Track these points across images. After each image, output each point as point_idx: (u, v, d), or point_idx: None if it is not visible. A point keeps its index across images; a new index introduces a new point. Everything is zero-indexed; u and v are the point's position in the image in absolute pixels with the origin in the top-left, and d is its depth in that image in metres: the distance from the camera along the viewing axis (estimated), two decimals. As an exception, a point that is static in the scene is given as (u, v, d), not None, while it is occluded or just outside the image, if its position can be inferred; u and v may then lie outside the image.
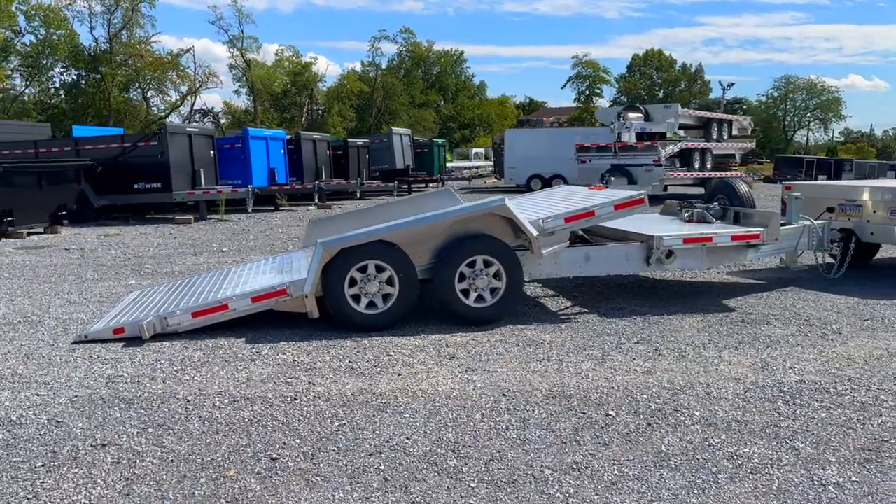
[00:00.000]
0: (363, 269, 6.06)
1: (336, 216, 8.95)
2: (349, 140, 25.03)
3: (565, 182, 27.38)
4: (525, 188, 28.33)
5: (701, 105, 77.36)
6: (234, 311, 6.07)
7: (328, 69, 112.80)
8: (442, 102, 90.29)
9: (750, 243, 7.07)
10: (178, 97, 61.87)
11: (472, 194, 22.98)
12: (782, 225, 8.11)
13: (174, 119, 61.76)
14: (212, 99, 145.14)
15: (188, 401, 4.40)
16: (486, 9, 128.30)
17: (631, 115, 20.40)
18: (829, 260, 9.14)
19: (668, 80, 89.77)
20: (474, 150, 55.97)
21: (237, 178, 18.09)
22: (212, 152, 17.67)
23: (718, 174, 22.51)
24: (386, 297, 6.13)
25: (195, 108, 64.66)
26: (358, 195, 22.12)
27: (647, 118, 20.51)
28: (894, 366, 5.02)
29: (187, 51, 63.04)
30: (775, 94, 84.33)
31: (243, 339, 5.82)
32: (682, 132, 22.65)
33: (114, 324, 6.05)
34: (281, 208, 19.48)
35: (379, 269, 6.09)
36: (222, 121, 69.88)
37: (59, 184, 14.51)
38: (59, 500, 3.18)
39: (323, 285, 6.03)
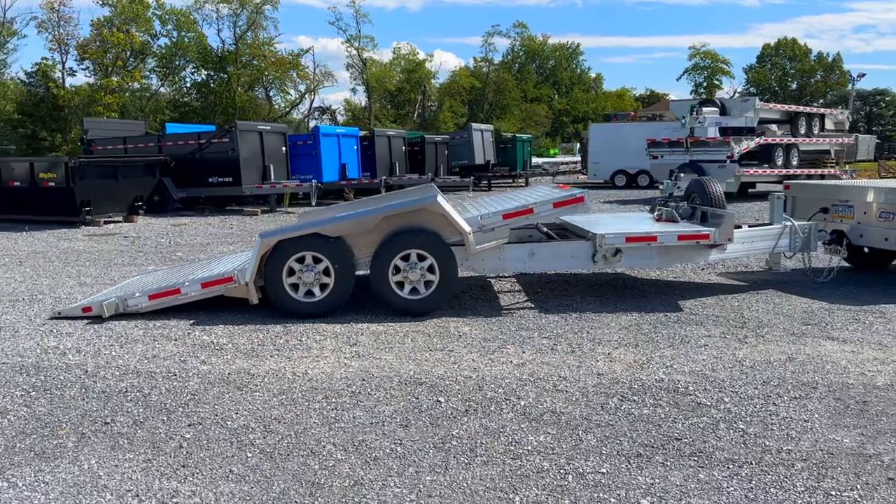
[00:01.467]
0: (301, 260, 6.50)
1: (329, 207, 9.42)
2: (426, 136, 25.59)
3: (651, 179, 26.82)
4: (609, 184, 27.94)
5: (838, 97, 72.45)
6: (185, 295, 6.67)
7: (442, 65, 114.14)
8: (556, 96, 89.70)
9: (699, 243, 6.94)
10: (297, 95, 64.98)
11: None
12: (764, 225, 7.92)
13: (295, 116, 65.06)
14: (336, 97, 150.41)
15: (86, 371, 5.00)
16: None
17: (705, 109, 19.72)
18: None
19: (802, 71, 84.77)
20: (578, 145, 55.22)
21: (309, 173, 19.02)
22: (283, 149, 18.71)
23: (807, 171, 21.35)
24: (323, 287, 6.55)
25: (314, 105, 67.70)
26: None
27: (724, 112, 19.75)
28: (779, 371, 4.90)
29: (307, 51, 66.17)
30: (921, 84, 77.56)
31: (191, 322, 6.40)
32: (774, 127, 21.66)
33: (85, 303, 6.81)
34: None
35: (316, 260, 6.50)
36: (340, 118, 72.66)
37: (135, 177, 15.93)
38: (-89, 444, 3.82)
39: (264, 274, 6.53)
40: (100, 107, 53.65)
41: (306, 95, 64.95)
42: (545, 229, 7.80)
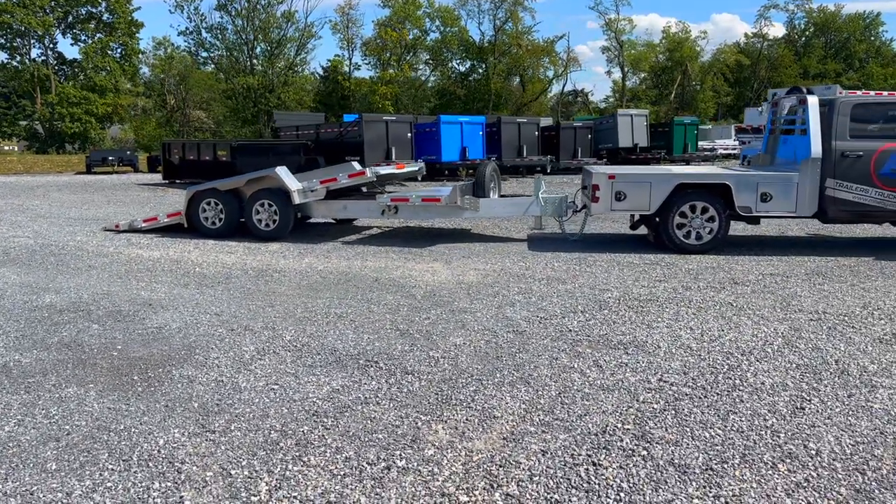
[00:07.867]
0: (209, 203, 11.24)
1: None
2: (562, 122, 28.54)
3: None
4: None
5: None
6: (160, 221, 11.78)
7: (708, 43, 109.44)
8: (849, 72, 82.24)
9: (436, 204, 10.25)
10: (546, 81, 69.28)
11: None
12: (527, 196, 10.87)
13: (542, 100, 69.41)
14: (590, 77, 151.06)
15: (79, 248, 10.28)
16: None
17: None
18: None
19: None
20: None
21: (432, 154, 23.61)
22: (409, 134, 23.46)
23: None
24: (220, 220, 11.22)
25: (566, 89, 71.46)
26: (548, 170, 26.02)
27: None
28: (345, 270, 8.48)
29: (561, 37, 69.86)
30: None
31: (157, 237, 11.49)
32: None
33: (116, 222, 12.26)
34: (461, 179, 24.49)
35: (216, 204, 11.20)
36: (596, 100, 75.34)
37: (283, 155, 21.87)
38: (-40, 262, 9.31)
39: (190, 212, 11.38)
40: (377, 96, 62.92)
41: (554, 80, 68.77)
42: (380, 188, 11.55)
